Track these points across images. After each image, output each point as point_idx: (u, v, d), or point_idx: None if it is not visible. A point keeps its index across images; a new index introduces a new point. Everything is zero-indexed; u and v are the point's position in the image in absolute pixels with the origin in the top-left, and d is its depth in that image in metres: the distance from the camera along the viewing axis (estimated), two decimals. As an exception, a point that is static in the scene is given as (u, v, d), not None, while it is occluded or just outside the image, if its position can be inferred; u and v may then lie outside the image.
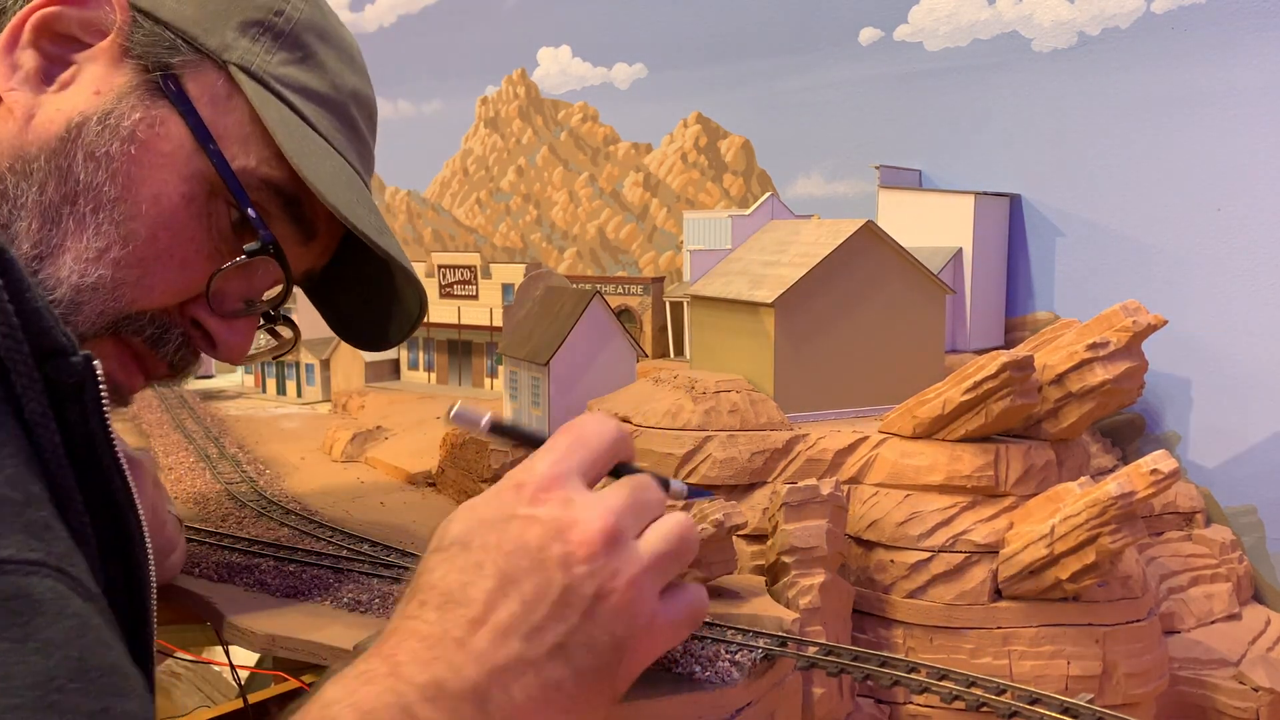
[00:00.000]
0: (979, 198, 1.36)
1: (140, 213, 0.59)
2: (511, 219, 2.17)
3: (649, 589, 0.51)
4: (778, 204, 1.39)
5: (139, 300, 0.60)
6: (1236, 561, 1.14)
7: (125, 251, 0.58)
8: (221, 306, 0.64)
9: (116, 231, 0.58)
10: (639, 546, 0.51)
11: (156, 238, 0.59)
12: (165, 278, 0.61)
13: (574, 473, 0.53)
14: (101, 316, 0.59)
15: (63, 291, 0.57)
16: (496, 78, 2.18)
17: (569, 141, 2.06)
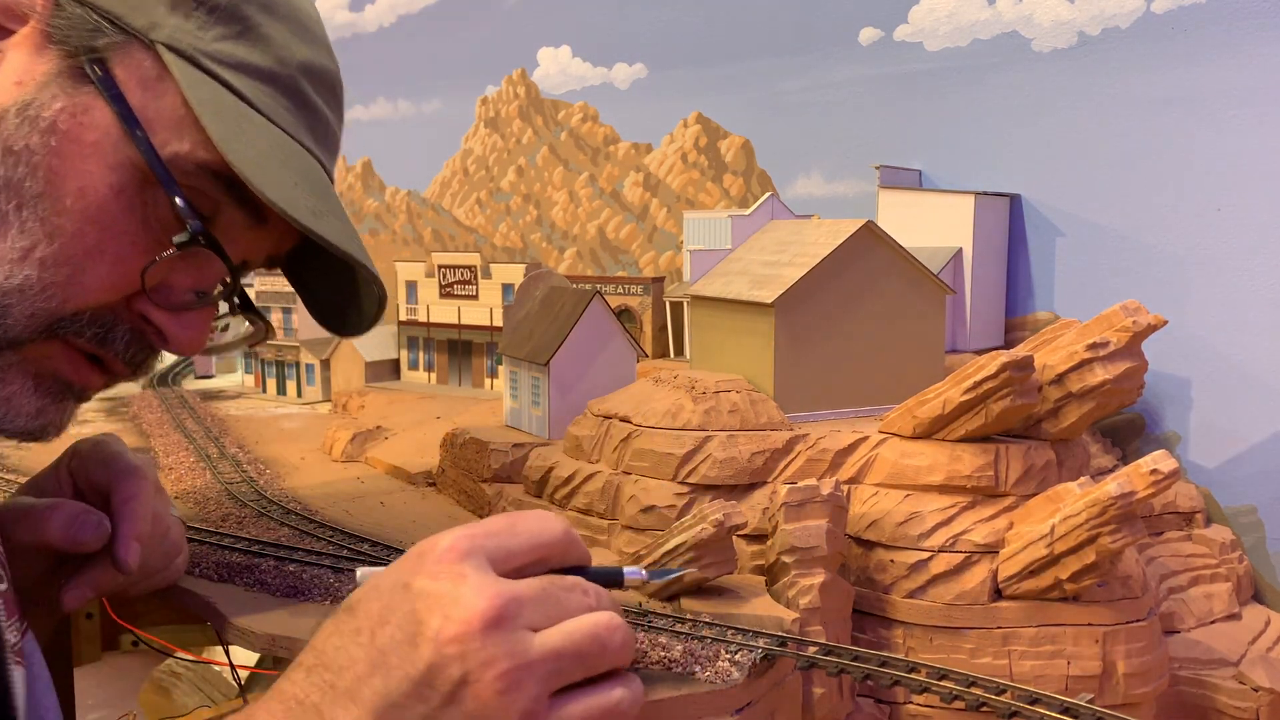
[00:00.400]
0: (979, 198, 1.36)
1: (65, 208, 0.55)
2: (511, 219, 2.17)
3: (530, 686, 0.47)
4: (778, 204, 1.39)
5: (72, 299, 0.56)
6: (1236, 561, 1.14)
7: (51, 249, 0.54)
8: (169, 299, 0.60)
9: (41, 229, 0.54)
10: (531, 639, 0.48)
11: (84, 233, 0.55)
12: (98, 274, 0.56)
13: (480, 553, 0.50)
14: (33, 320, 0.55)
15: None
16: (496, 78, 2.18)
17: (569, 141, 2.06)
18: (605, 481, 1.03)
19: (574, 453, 1.11)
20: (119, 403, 2.13)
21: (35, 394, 0.57)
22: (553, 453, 1.13)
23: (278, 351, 2.24)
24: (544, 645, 0.48)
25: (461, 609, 0.47)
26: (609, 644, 0.50)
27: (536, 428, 1.26)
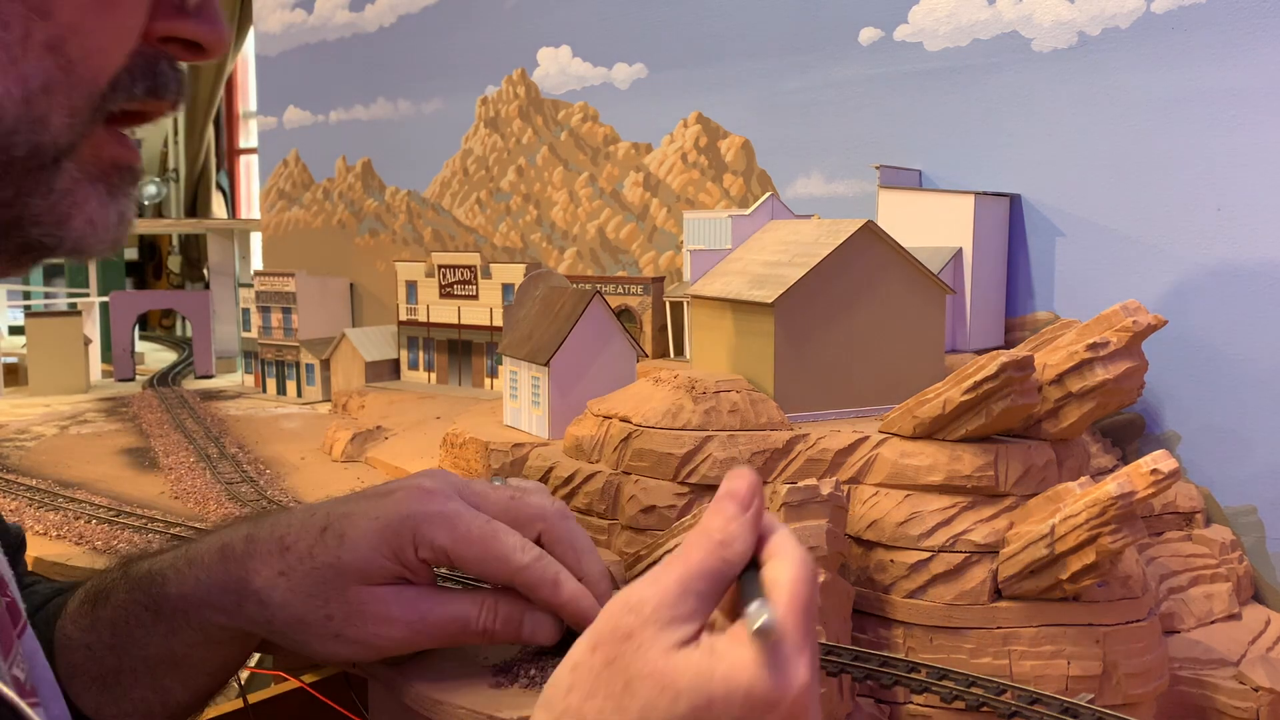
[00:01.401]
0: (979, 198, 1.36)
1: None
2: (511, 219, 2.17)
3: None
4: (778, 204, 1.39)
5: (103, 65, 0.45)
6: (1236, 561, 1.14)
7: (50, 24, 0.42)
8: (189, 5, 0.48)
9: (23, 6, 0.42)
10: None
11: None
12: (109, 25, 0.44)
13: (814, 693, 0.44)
14: (75, 114, 0.44)
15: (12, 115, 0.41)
16: (496, 78, 2.18)
17: (569, 141, 2.06)
18: (605, 481, 1.03)
19: (574, 453, 1.11)
20: (119, 403, 2.13)
21: (111, 199, 0.48)
22: (553, 453, 1.13)
23: (277, 351, 2.24)
24: None
25: None
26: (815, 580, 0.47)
27: (536, 428, 1.26)
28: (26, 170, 0.43)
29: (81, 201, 0.46)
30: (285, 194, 2.72)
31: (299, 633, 0.65)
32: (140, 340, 3.34)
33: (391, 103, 2.42)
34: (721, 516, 0.47)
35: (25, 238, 0.45)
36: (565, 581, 0.65)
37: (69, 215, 0.45)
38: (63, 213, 0.45)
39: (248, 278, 2.69)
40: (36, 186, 0.43)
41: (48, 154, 0.43)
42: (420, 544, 0.63)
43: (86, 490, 1.30)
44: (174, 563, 0.67)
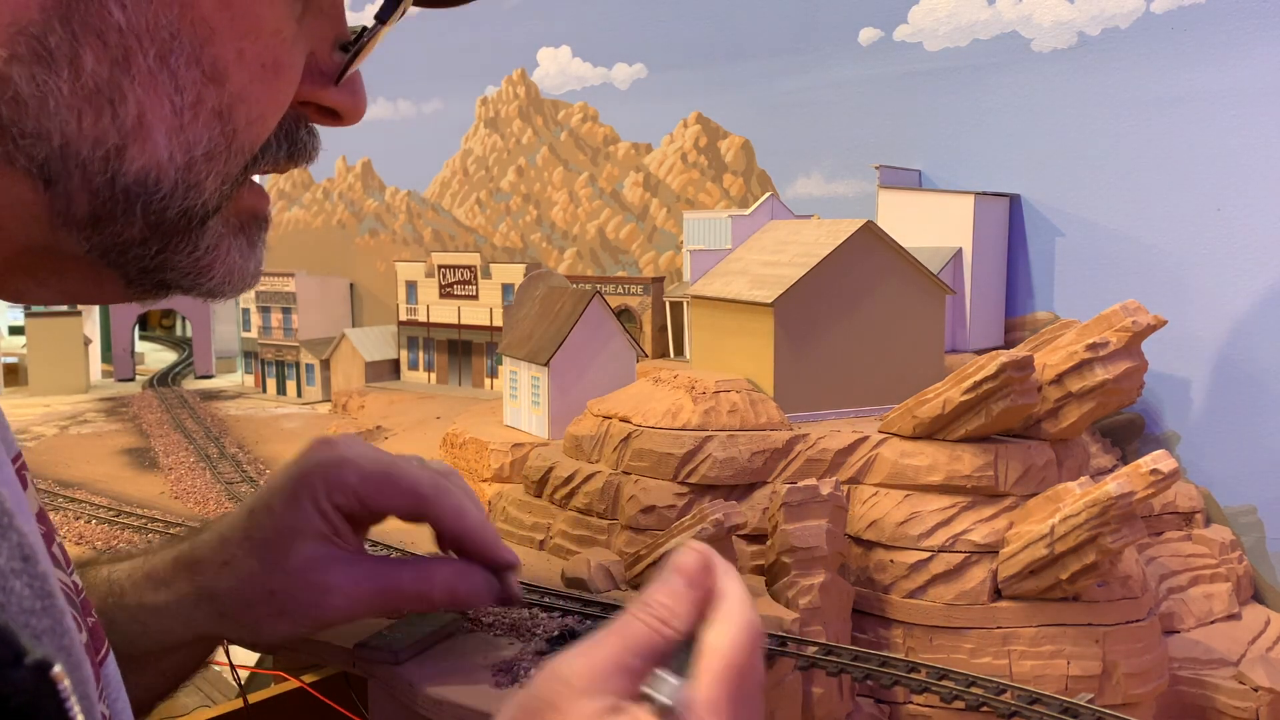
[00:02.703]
0: (979, 198, 1.36)
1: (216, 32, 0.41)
2: (511, 219, 2.17)
3: None
4: (778, 204, 1.39)
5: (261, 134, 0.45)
6: (1236, 561, 1.14)
7: (224, 92, 0.42)
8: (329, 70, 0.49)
9: (200, 71, 0.41)
10: None
11: (245, 54, 0.42)
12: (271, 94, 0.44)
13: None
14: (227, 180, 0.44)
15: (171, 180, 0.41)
16: (496, 78, 2.18)
17: (569, 141, 2.06)
18: (605, 481, 1.03)
19: (574, 453, 1.11)
20: (119, 403, 2.14)
21: (250, 249, 0.48)
22: (553, 453, 1.13)
23: (277, 351, 2.24)
24: None
25: None
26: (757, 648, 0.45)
27: (536, 428, 1.26)
28: (175, 230, 0.43)
29: (223, 255, 0.46)
30: (285, 194, 2.72)
31: (248, 616, 0.66)
32: (140, 340, 3.34)
33: (391, 103, 2.42)
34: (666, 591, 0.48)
35: (164, 279, 0.45)
36: (470, 510, 0.67)
37: (210, 267, 0.46)
38: (205, 266, 0.45)
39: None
40: (182, 245, 0.44)
41: (196, 217, 0.43)
42: (332, 489, 0.65)
43: (86, 490, 1.30)
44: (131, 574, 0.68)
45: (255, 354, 2.30)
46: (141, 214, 0.41)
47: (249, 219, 0.48)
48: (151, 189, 0.41)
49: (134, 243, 0.42)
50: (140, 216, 0.41)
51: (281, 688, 0.98)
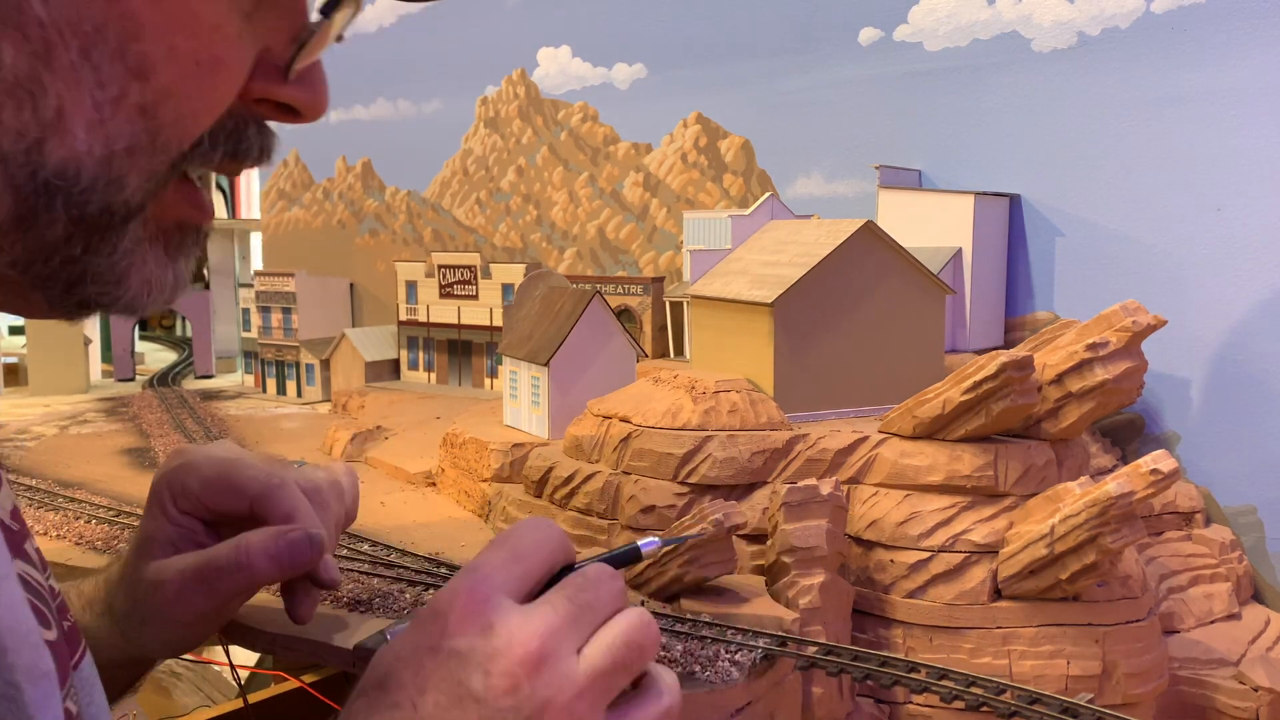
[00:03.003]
0: (979, 198, 1.36)
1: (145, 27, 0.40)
2: (511, 219, 2.17)
3: (587, 712, 0.46)
4: (778, 204, 1.39)
5: (191, 131, 0.43)
6: (1236, 561, 1.14)
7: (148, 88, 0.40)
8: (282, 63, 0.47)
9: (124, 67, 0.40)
10: (576, 666, 0.47)
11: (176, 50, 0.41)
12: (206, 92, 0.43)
13: (498, 592, 0.48)
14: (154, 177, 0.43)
15: (91, 174, 0.40)
16: (496, 78, 2.18)
17: (569, 141, 2.06)
18: (605, 481, 1.03)
19: (574, 453, 1.11)
20: (119, 403, 2.14)
21: (168, 261, 0.47)
22: (553, 453, 1.13)
23: (277, 351, 2.24)
24: (589, 668, 0.47)
25: (502, 660, 0.45)
26: (645, 646, 0.49)
27: (536, 428, 1.26)
28: (95, 228, 0.42)
29: (139, 263, 0.45)
30: (285, 194, 2.72)
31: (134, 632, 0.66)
32: (140, 340, 3.34)
33: (391, 103, 2.42)
34: None
35: (84, 295, 0.44)
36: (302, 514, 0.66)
37: (126, 274, 0.45)
38: (121, 272, 0.44)
39: (248, 278, 2.69)
40: (102, 245, 0.43)
41: (117, 214, 0.42)
42: (176, 496, 0.66)
43: (86, 490, 1.30)
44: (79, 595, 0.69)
45: (255, 354, 2.30)
46: (63, 209, 0.40)
47: (174, 228, 0.47)
48: (71, 182, 0.40)
49: (58, 245, 0.41)
50: (62, 211, 0.40)
51: (281, 688, 0.98)
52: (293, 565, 0.64)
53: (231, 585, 0.64)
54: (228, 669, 0.87)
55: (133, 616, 0.66)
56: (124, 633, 0.67)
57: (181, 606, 0.64)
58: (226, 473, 0.67)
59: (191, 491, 0.67)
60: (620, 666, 0.48)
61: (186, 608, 0.64)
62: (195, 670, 1.48)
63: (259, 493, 0.67)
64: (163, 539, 0.67)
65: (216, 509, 0.67)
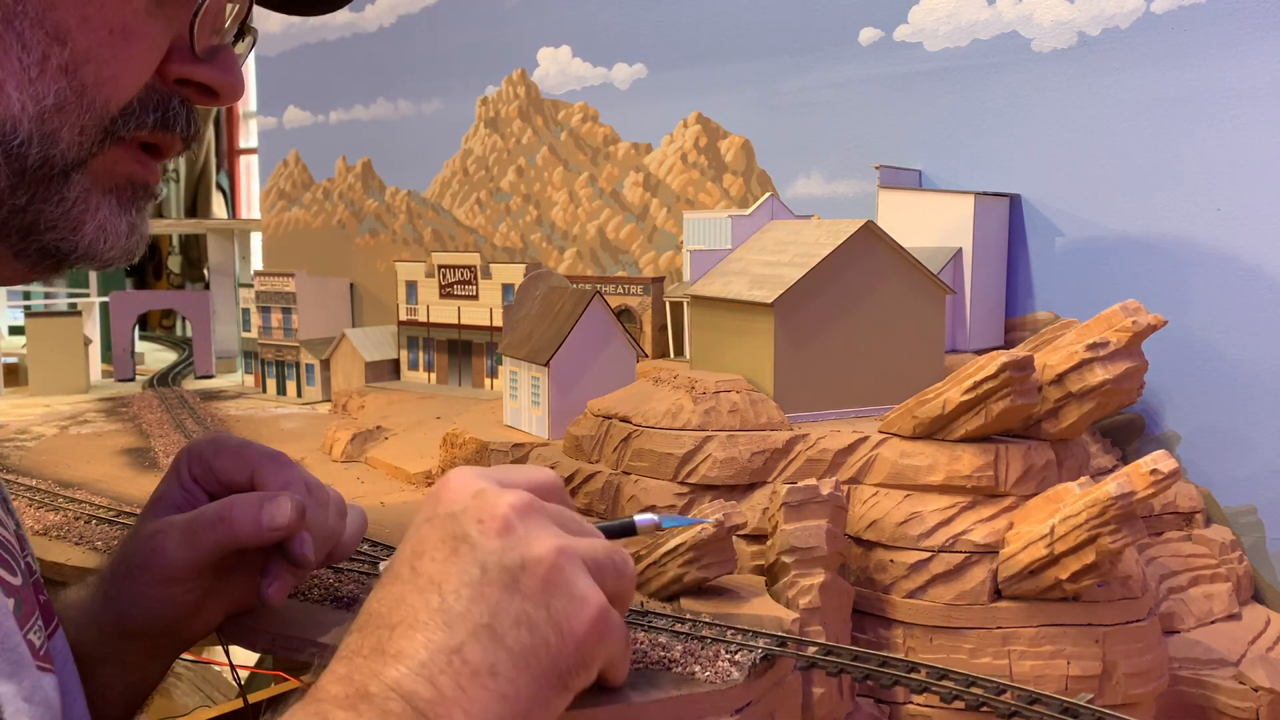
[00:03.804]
0: (979, 198, 1.36)
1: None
2: (511, 219, 2.17)
3: (579, 565, 0.48)
4: (778, 204, 1.39)
5: (114, 95, 0.49)
6: (1236, 561, 1.14)
7: (66, 51, 0.46)
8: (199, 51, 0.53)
9: (43, 33, 0.46)
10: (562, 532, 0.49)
11: (90, 19, 0.47)
12: (122, 58, 0.49)
13: (488, 477, 0.51)
14: (85, 133, 0.48)
15: (26, 129, 0.46)
16: (496, 78, 2.18)
17: (569, 141, 2.06)
18: (605, 481, 1.03)
19: (574, 453, 1.11)
20: (119, 403, 2.14)
21: (121, 210, 0.53)
22: (553, 453, 1.13)
23: (277, 351, 2.24)
24: (579, 539, 0.49)
25: (493, 508, 0.48)
26: (626, 567, 0.51)
27: (536, 428, 1.26)
28: (38, 179, 0.47)
29: (93, 209, 0.50)
30: (285, 194, 2.72)
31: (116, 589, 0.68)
32: (140, 340, 3.34)
33: (391, 103, 2.42)
34: None
35: (42, 242, 0.50)
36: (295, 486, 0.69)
37: (81, 221, 0.50)
38: (75, 219, 0.50)
39: (248, 278, 2.69)
40: (49, 195, 0.48)
41: (56, 165, 0.48)
42: (192, 461, 0.70)
43: (86, 490, 1.30)
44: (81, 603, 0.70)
45: (255, 354, 2.30)
46: (4, 161, 0.46)
47: (124, 183, 0.53)
48: (10, 136, 0.46)
49: (3, 194, 0.47)
50: (3, 164, 0.46)
51: (281, 688, 0.98)
52: (270, 526, 0.65)
53: (211, 538, 0.65)
54: (228, 669, 0.87)
55: (118, 571, 0.68)
56: (106, 594, 0.68)
57: (162, 556, 0.66)
58: (239, 446, 0.71)
59: (205, 459, 0.70)
60: (608, 558, 0.50)
61: (167, 558, 0.65)
62: (195, 670, 1.48)
63: (260, 464, 0.69)
64: (169, 501, 0.70)
65: (224, 478, 0.70)
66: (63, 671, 0.57)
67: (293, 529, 0.66)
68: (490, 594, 0.47)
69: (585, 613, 0.48)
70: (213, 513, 0.66)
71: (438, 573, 0.47)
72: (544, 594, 0.47)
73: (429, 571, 0.48)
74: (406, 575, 0.48)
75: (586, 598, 0.48)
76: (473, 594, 0.47)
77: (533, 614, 0.47)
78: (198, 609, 0.69)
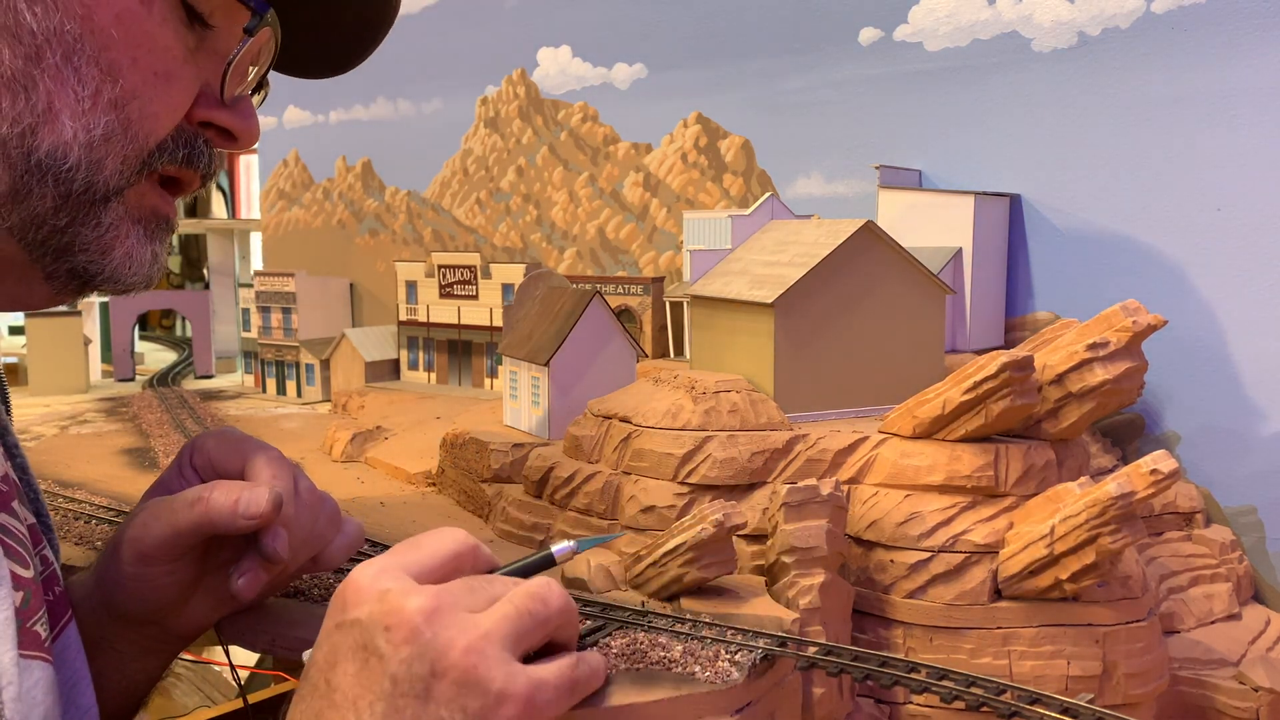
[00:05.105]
0: (979, 198, 1.36)
1: (112, 40, 0.51)
2: (511, 219, 2.17)
3: (496, 654, 0.48)
4: (778, 204, 1.39)
5: (154, 131, 0.55)
6: (1236, 561, 1.14)
7: (117, 88, 0.52)
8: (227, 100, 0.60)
9: (98, 70, 0.51)
10: (477, 615, 0.49)
11: (139, 60, 0.52)
12: (163, 98, 0.54)
13: (396, 569, 0.51)
14: (126, 164, 0.54)
15: (76, 155, 0.51)
16: (496, 78, 2.18)
17: (569, 141, 2.06)
18: (605, 481, 1.03)
19: (574, 453, 1.11)
20: (119, 403, 2.14)
21: (147, 240, 0.57)
22: (553, 453, 1.13)
23: (277, 351, 2.24)
24: (493, 612, 0.49)
25: (399, 614, 0.48)
26: (549, 599, 0.51)
27: (536, 428, 1.26)
28: (81, 203, 0.52)
29: (123, 236, 0.55)
30: (285, 194, 2.72)
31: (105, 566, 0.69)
32: (140, 340, 3.34)
33: (391, 103, 2.42)
34: None
35: (73, 264, 0.54)
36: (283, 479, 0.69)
37: (111, 246, 0.55)
38: (107, 243, 0.55)
39: (248, 278, 2.68)
40: (88, 218, 0.53)
41: (99, 192, 0.53)
42: (195, 451, 0.73)
43: (86, 490, 1.30)
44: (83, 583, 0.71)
45: (255, 354, 2.30)
46: (53, 185, 0.50)
47: (150, 214, 0.58)
48: (60, 162, 0.50)
49: (47, 214, 0.51)
50: (52, 187, 0.50)
51: (281, 688, 0.98)
52: (245, 513, 0.65)
53: (187, 517, 0.65)
54: (228, 669, 0.87)
55: (107, 549, 0.69)
56: (98, 574, 0.69)
57: (139, 530, 0.66)
58: (240, 440, 0.73)
59: (207, 449, 0.72)
60: (524, 612, 0.50)
61: (143, 533, 0.66)
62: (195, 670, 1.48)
63: (253, 457, 0.71)
64: (166, 486, 0.72)
65: (220, 468, 0.72)
66: (74, 662, 0.59)
67: (267, 520, 0.66)
68: (404, 706, 0.47)
69: (507, 710, 0.48)
70: (193, 493, 0.66)
71: (351, 688, 0.48)
72: (460, 697, 0.47)
73: (343, 687, 0.48)
74: (323, 689, 0.49)
75: (505, 693, 0.48)
76: (386, 708, 0.47)
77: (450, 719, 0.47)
78: (180, 599, 0.69)
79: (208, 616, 0.72)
